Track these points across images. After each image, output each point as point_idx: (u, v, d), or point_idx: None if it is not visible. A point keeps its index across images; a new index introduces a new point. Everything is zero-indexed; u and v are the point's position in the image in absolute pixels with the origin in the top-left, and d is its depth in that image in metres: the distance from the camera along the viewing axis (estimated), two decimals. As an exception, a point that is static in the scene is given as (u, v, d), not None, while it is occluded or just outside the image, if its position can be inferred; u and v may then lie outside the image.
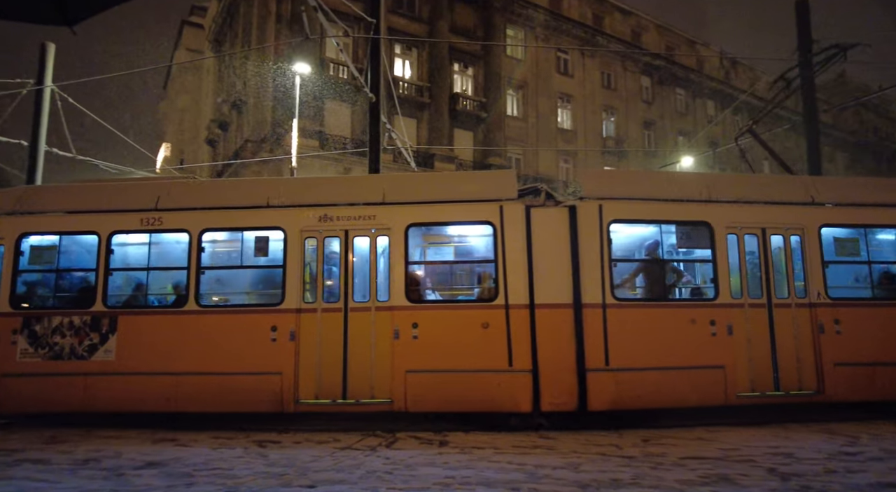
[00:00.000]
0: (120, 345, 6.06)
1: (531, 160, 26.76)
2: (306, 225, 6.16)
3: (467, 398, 5.91)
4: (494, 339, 5.84)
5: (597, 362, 5.80)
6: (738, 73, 38.49)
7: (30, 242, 6.35)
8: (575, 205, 6.11)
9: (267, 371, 5.94)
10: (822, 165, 33.29)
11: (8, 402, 6.07)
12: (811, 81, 9.60)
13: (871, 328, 6.24)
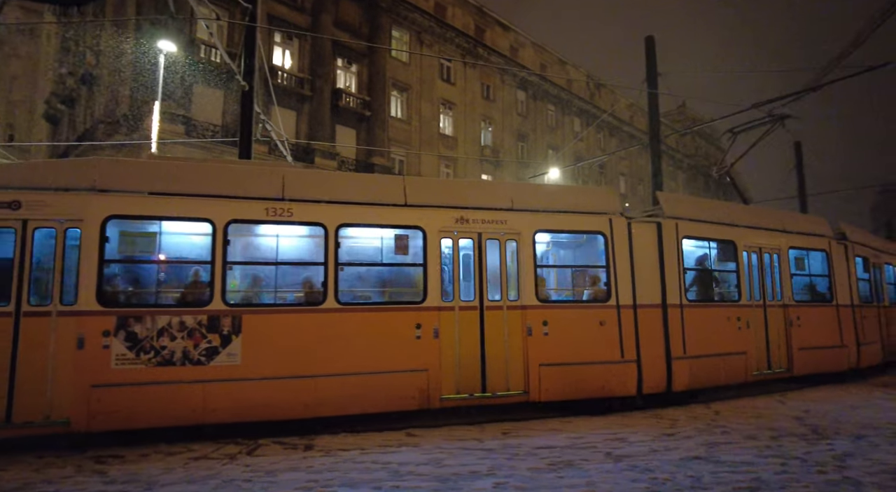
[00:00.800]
0: (246, 347, 5.45)
1: (414, 163, 27.09)
2: (444, 225, 6.32)
3: (588, 386, 6.58)
4: (609, 334, 6.73)
5: (678, 352, 7.08)
6: (601, 94, 42.46)
7: (118, 226, 5.39)
8: (660, 222, 7.35)
9: (413, 368, 5.97)
10: (666, 182, 37.65)
11: (102, 417, 5.00)
12: (656, 109, 10.92)
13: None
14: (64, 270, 5.15)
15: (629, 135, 44.55)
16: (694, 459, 4.47)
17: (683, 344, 7.14)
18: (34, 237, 5.09)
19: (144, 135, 15.42)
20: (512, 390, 6.25)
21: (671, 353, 7.02)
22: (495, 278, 6.50)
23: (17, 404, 4.83)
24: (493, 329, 6.32)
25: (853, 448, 4.76)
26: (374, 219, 6.21)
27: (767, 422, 5.96)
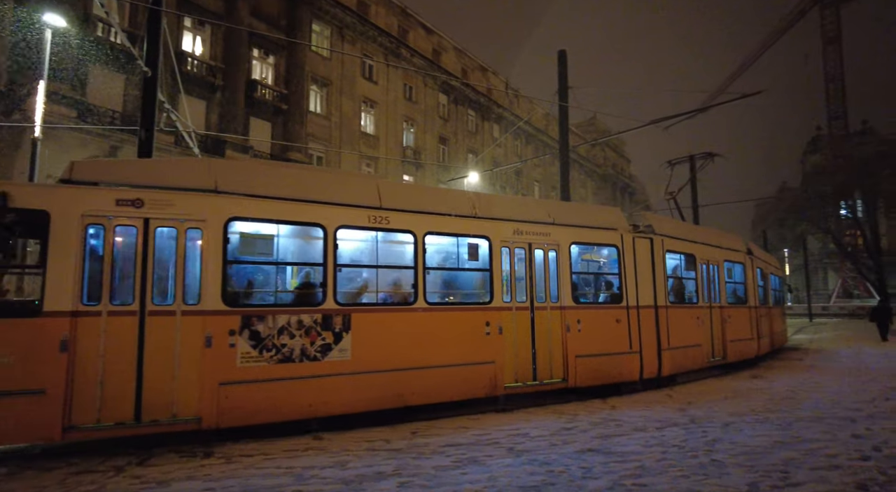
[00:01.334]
0: (355, 344, 5.93)
1: (333, 160, 26.56)
2: (504, 236, 7.31)
3: (609, 373, 8.01)
4: (622, 330, 8.24)
5: (665, 344, 8.73)
6: (519, 103, 43.98)
7: (239, 228, 5.59)
8: (653, 238, 8.95)
9: (483, 361, 6.85)
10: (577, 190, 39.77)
11: (230, 414, 5.20)
12: (566, 120, 11.53)
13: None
14: (186, 270, 5.25)
15: (544, 143, 46.52)
16: (588, 451, 4.80)
17: (668, 338, 8.88)
18: (156, 236, 5.16)
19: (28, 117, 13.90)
20: (555, 378, 7.46)
21: (661, 345, 8.71)
22: (541, 283, 7.60)
23: (145, 402, 4.91)
24: (541, 326, 7.45)
25: (721, 434, 5.34)
26: (451, 228, 6.98)
27: (655, 414, 6.50)
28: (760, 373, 10.54)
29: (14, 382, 4.51)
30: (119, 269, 5.10)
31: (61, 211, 4.83)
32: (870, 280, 50.61)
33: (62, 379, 4.64)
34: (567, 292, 7.71)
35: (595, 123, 57.72)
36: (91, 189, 5.10)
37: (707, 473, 4.11)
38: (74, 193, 5.00)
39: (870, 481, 3.87)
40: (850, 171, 49.81)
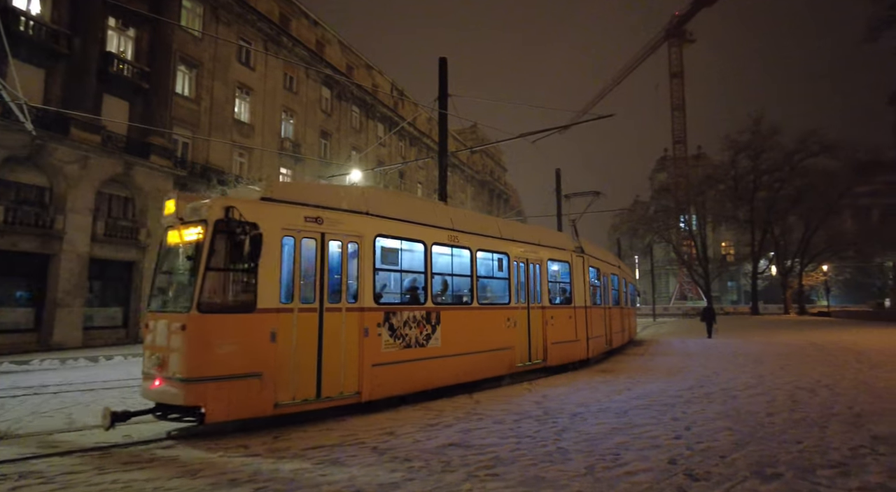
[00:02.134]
0: (443, 334, 7.75)
1: (202, 148, 24.58)
2: (516, 253, 9.68)
3: (567, 355, 10.95)
4: (573, 324, 11.25)
5: (589, 334, 11.90)
6: (404, 105, 44.29)
7: (380, 243, 7.08)
8: (584, 257, 12.13)
9: (504, 347, 9.09)
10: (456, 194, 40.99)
11: (377, 389, 6.63)
12: (445, 127, 11.88)
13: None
14: (347, 275, 6.61)
15: (427, 147, 47.38)
16: (449, 446, 5.01)
17: (592, 329, 12.10)
18: (329, 247, 6.35)
19: None
20: (537, 359, 9.95)
21: (588, 334, 11.85)
22: (533, 288, 10.10)
23: (323, 382, 6.07)
24: (534, 322, 9.94)
25: (569, 424, 5.88)
26: (489, 246, 9.12)
27: (514, 407, 6.95)
28: (609, 368, 11.74)
29: (239, 367, 5.42)
30: (303, 273, 6.14)
31: (268, 224, 5.75)
32: (700, 285, 58.76)
33: (273, 364, 5.65)
34: (546, 296, 10.36)
35: (476, 130, 60.08)
36: (288, 206, 6.09)
37: (553, 460, 4.50)
38: (277, 209, 5.99)
39: (678, 456, 4.53)
40: (687, 189, 57.42)
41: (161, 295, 6.09)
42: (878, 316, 35.84)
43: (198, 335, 5.29)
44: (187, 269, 5.66)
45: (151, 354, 5.57)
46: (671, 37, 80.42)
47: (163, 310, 5.84)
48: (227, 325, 5.48)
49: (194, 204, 5.83)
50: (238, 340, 5.46)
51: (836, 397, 7.26)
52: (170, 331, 5.39)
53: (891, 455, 4.48)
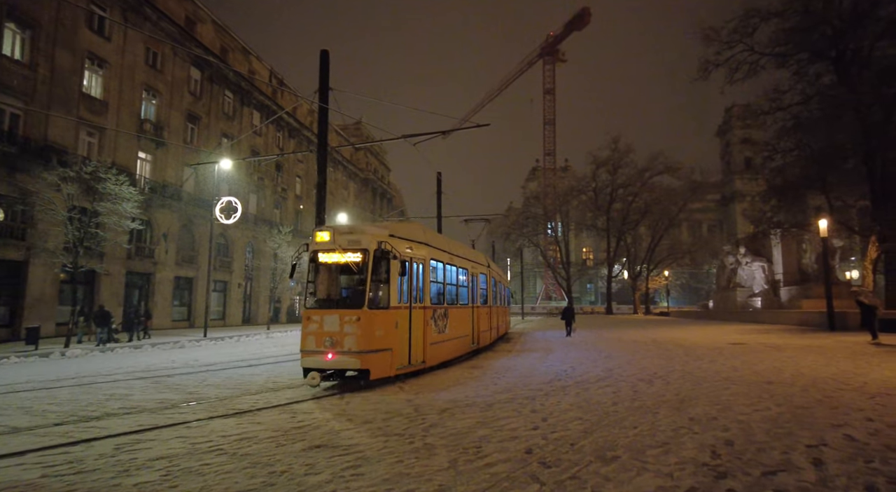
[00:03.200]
0: (451, 324, 11.43)
1: (38, 122, 21.28)
2: (480, 270, 14.87)
3: (486, 339, 15.30)
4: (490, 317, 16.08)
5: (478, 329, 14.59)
6: (284, 94, 42.31)
7: (433, 264, 10.56)
8: (487, 272, 16.12)
9: (468, 334, 13.25)
10: (338, 191, 39.96)
11: (431, 360, 10.21)
12: (325, 120, 11.57)
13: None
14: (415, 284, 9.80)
15: (308, 139, 45.71)
16: (315, 448, 4.88)
17: (479, 325, 14.41)
18: (412, 267, 9.57)
19: None
20: (493, 339, 14.41)
21: (478, 329, 14.31)
22: (482, 293, 14.93)
23: (412, 355, 9.52)
24: (479, 316, 14.12)
25: (438, 420, 6.05)
26: (472, 268, 13.85)
27: (385, 406, 6.97)
28: (479, 363, 12.25)
29: (384, 344, 8.53)
30: (404, 283, 9.22)
31: (395, 252, 8.80)
32: (563, 286, 63.78)
33: (396, 342, 8.83)
34: (491, 299, 15.70)
35: (361, 127, 59.28)
36: (400, 241, 9.26)
37: (419, 456, 4.60)
38: (397, 242, 9.05)
39: (534, 446, 4.88)
40: (554, 199, 62.02)
41: (314, 296, 8.86)
42: (705, 315, 41.74)
43: (367, 324, 8.25)
44: (354, 281, 8.91)
45: (321, 337, 8.20)
46: (545, 55, 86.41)
47: (329, 307, 8.60)
48: (379, 317, 8.49)
49: (351, 237, 8.79)
50: (383, 326, 8.54)
51: (667, 387, 8.32)
52: (342, 321, 8.20)
53: (702, 433, 5.24)
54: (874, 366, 10.36)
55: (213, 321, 32.33)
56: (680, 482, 3.81)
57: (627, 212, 55.09)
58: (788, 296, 31.07)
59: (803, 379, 8.75)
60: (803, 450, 4.58)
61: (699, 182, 55.39)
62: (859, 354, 12.40)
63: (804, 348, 14.11)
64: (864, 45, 28.55)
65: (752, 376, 9.20)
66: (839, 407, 6.43)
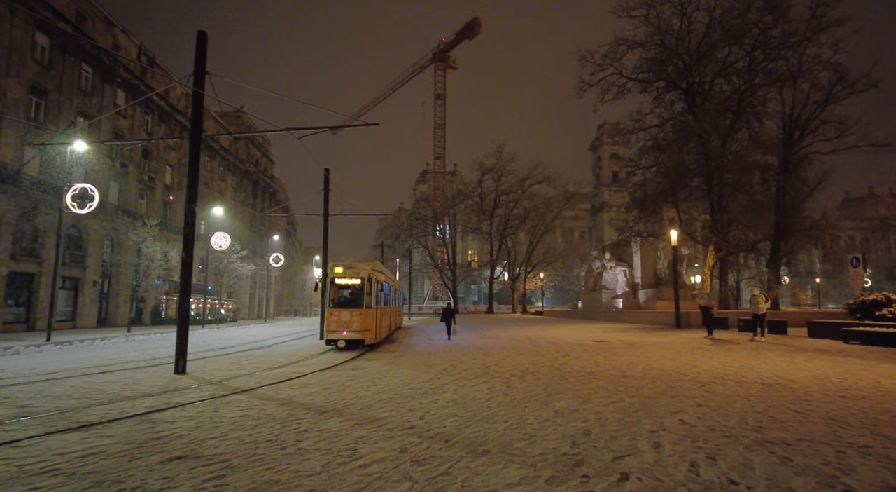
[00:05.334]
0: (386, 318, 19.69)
1: None
2: (390, 283, 20.96)
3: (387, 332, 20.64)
4: (389, 317, 20.04)
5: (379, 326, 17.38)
6: (155, 75, 38.50)
7: (384, 284, 18.21)
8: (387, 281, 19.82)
9: (389, 324, 20.66)
10: (216, 183, 37.43)
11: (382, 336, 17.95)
12: (200, 107, 10.72)
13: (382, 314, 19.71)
14: (379, 295, 17.10)
15: (181, 125, 42.04)
16: (175, 459, 4.51)
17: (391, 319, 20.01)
18: (373, 282, 15.94)
19: None
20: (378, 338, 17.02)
21: (391, 321, 20.01)
22: (380, 297, 17.24)
23: (378, 333, 16.90)
24: (380, 316, 17.12)
25: (313, 424, 5.89)
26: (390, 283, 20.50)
27: (256, 412, 6.63)
28: (358, 365, 12.12)
29: (370, 326, 15.72)
30: (388, 296, 19.34)
31: (374, 277, 15.99)
32: (449, 287, 65.34)
33: (373, 327, 15.92)
34: (383, 301, 17.94)
35: (242, 116, 55.75)
36: (375, 271, 16.36)
37: (290, 461, 4.44)
38: (375, 273, 16.25)
39: (410, 444, 4.95)
40: (443, 202, 63.40)
41: (336, 301, 15.61)
42: (574, 314, 45.23)
43: (363, 316, 15.22)
44: (356, 293, 15.48)
45: (340, 323, 15.20)
46: (437, 61, 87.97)
47: (342, 307, 15.45)
48: (368, 313, 15.33)
49: (354, 269, 15.59)
50: (370, 318, 15.38)
51: (537, 382, 8.89)
52: (352, 315, 15.23)
53: (565, 424, 5.68)
54: (707, 358, 11.97)
55: (61, 323, 28.42)
56: (542, 472, 4.09)
57: (509, 217, 58.06)
58: (645, 298, 34.72)
59: (652, 372, 9.85)
60: (647, 435, 5.16)
61: (573, 192, 60.05)
62: (697, 349, 14.24)
63: (655, 345, 15.88)
64: (706, 81, 32.89)
65: (611, 371, 10.16)
66: (678, 396, 7.33)
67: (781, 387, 7.96)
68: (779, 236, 31.25)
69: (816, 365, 10.54)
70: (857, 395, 7.26)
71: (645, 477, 3.92)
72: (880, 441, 4.88)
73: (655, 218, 37.54)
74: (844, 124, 29.59)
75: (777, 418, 5.83)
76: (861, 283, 21.20)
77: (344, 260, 16.37)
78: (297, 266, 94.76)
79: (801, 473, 3.99)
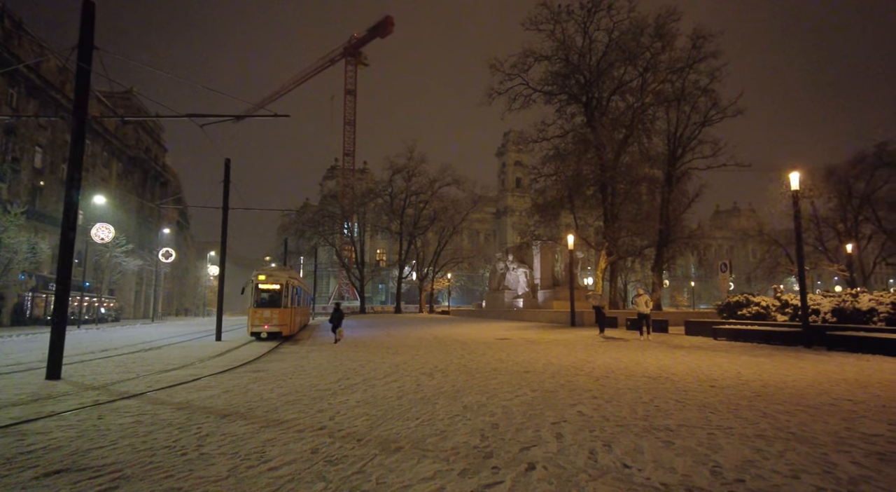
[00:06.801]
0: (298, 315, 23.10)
1: None
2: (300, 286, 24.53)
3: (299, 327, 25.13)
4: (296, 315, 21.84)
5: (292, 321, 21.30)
6: (24, 42, 34.05)
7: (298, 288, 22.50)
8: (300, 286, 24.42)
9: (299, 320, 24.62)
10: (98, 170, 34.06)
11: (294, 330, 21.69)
12: (85, 83, 9.69)
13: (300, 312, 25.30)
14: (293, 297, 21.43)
15: (57, 103, 37.58)
16: (53, 474, 4.07)
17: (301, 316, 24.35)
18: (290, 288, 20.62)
19: None
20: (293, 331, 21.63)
21: (301, 318, 24.74)
22: (294, 299, 21.18)
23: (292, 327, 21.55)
24: (293, 313, 20.74)
25: (215, 428, 5.58)
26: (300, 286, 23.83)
27: (150, 418, 6.15)
28: (261, 367, 11.61)
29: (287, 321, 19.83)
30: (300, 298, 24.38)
31: (291, 284, 20.49)
32: (356, 286, 64.39)
33: (289, 322, 20.09)
34: (296, 301, 21.36)
35: (132, 98, 50.93)
36: (291, 278, 20.67)
37: (193, 468, 4.19)
38: (291, 280, 20.57)
39: (321, 444, 4.87)
40: (352, 199, 62.42)
41: (259, 301, 19.39)
42: (479, 314, 46.57)
43: (281, 314, 19.46)
44: (275, 296, 19.57)
45: (262, 319, 19.18)
46: (348, 56, 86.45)
47: (264, 306, 19.41)
48: (285, 311, 19.60)
49: (274, 276, 19.81)
50: (286, 315, 19.66)
51: (446, 378, 9.09)
52: (272, 313, 19.25)
53: (474, 419, 5.89)
54: (600, 354, 12.92)
55: None
56: (454, 465, 4.22)
57: (418, 218, 58.47)
58: (544, 298, 36.61)
59: (552, 368, 10.46)
60: (549, 427, 5.50)
61: (480, 195, 61.81)
62: (591, 346, 15.31)
63: (553, 342, 16.83)
64: (604, 97, 35.42)
65: (515, 367, 10.64)
66: (575, 389, 7.86)
67: (664, 380, 8.81)
68: (662, 243, 34.40)
69: (692, 359, 11.79)
70: (724, 384, 8.24)
71: (550, 465, 4.19)
72: (741, 423, 5.60)
73: (555, 223, 39.82)
74: (717, 145, 33.37)
75: (661, 407, 6.47)
76: (727, 286, 23.98)
77: (266, 269, 21.29)
78: (189, 262, 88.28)
79: (681, 454, 4.47)
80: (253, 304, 19.30)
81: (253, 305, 19.29)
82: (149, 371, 10.66)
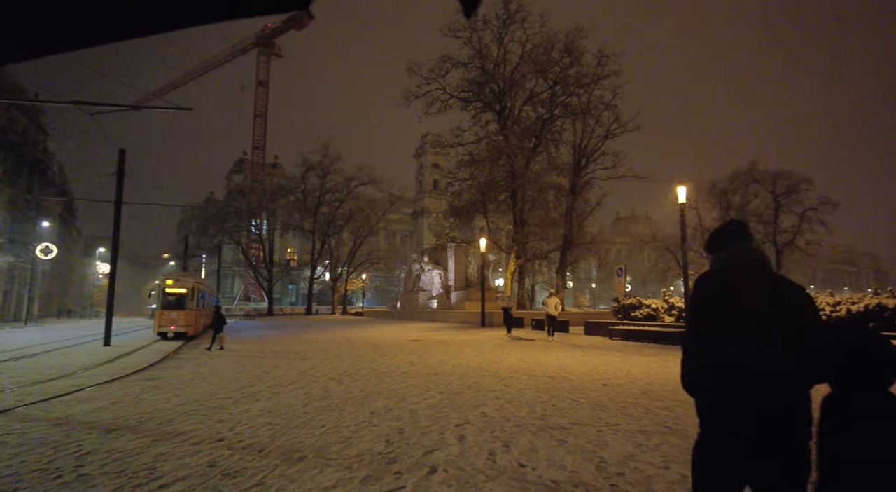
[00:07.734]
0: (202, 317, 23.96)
1: None
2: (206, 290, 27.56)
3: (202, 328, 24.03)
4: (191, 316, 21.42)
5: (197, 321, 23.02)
6: None
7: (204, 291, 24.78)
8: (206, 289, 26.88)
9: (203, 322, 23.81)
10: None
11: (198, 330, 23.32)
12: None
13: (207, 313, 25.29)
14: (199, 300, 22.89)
15: None
16: None
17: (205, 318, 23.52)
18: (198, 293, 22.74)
19: None
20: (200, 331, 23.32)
21: (205, 320, 23.31)
22: (200, 301, 22.61)
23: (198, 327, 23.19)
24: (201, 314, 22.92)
25: (98, 444, 5.18)
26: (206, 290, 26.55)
27: (18, 438, 5.57)
28: (156, 375, 10.86)
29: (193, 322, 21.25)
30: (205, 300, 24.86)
31: (197, 287, 22.09)
32: (263, 287, 61.72)
33: (195, 322, 21.53)
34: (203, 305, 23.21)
35: (2, 75, 45.17)
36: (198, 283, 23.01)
37: (70, 491, 3.89)
38: (197, 284, 22.40)
39: (219, 457, 4.68)
40: (261, 195, 59.81)
41: (166, 304, 20.68)
42: (393, 315, 46.50)
43: (187, 316, 20.83)
44: (182, 298, 20.97)
45: (169, 320, 20.41)
46: (261, 46, 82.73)
47: (171, 308, 20.67)
48: (191, 313, 20.99)
49: (181, 281, 21.59)
50: (192, 316, 21.07)
51: (354, 384, 9.04)
52: (178, 314, 20.58)
53: (380, 424, 5.94)
54: (506, 355, 13.45)
55: None
56: (357, 473, 4.26)
57: (333, 217, 57.10)
58: (457, 299, 37.32)
59: (460, 369, 10.74)
60: (453, 429, 5.68)
61: (397, 196, 61.64)
62: (498, 347, 15.87)
63: (464, 343, 17.25)
64: (516, 106, 36.85)
65: (424, 369, 10.80)
66: (480, 390, 8.16)
67: (562, 379, 9.38)
68: (566, 248, 36.37)
69: (589, 359, 12.62)
70: (614, 382, 8.93)
71: (450, 468, 4.35)
72: (626, 420, 6.13)
73: (469, 226, 40.75)
74: (618, 157, 35.92)
75: (558, 406, 6.90)
76: (623, 289, 25.85)
77: (173, 273, 24.32)
78: (74, 259, 79.82)
79: (572, 451, 4.83)
80: (160, 306, 20.75)
81: (160, 308, 20.74)
82: (18, 383, 9.56)
